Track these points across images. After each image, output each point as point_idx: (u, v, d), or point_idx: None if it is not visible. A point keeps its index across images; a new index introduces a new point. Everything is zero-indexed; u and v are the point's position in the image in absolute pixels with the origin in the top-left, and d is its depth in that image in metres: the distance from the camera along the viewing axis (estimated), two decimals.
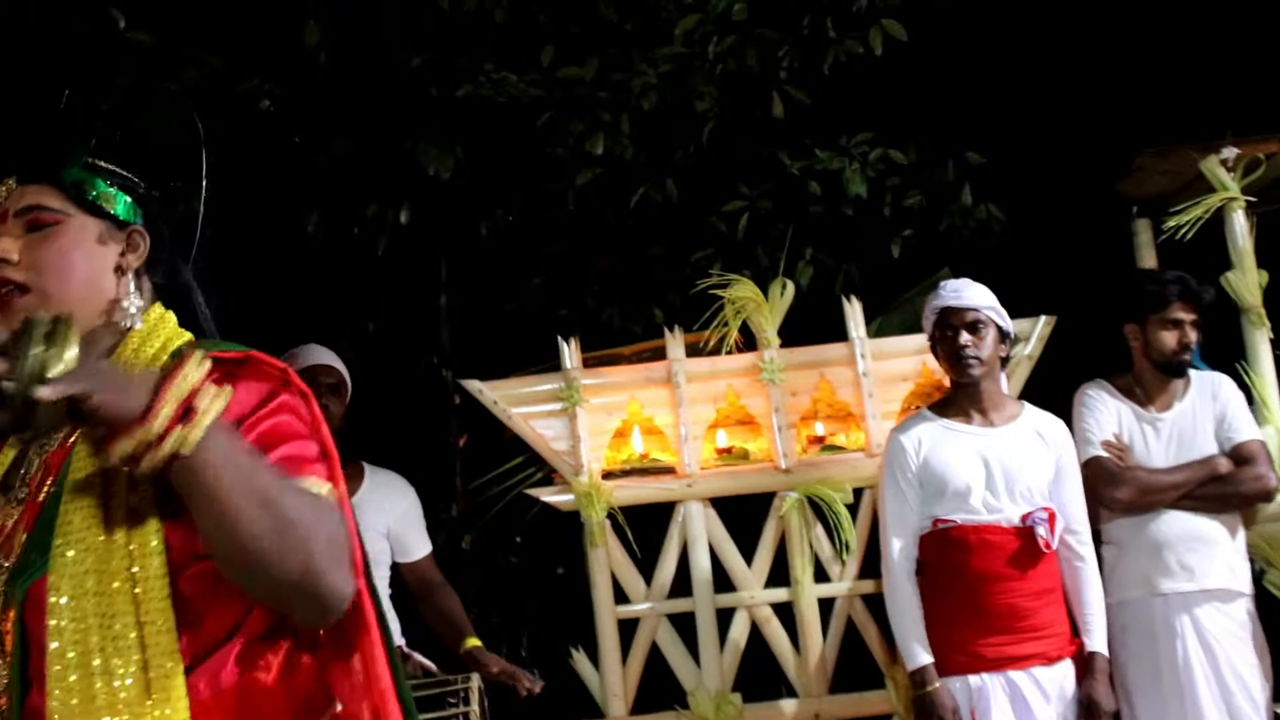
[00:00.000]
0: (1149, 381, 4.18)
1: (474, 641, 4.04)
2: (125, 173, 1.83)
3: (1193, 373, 4.20)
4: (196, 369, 1.42)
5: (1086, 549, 3.87)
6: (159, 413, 1.38)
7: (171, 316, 1.81)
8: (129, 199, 1.82)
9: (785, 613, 4.48)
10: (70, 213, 1.74)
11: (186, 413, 1.39)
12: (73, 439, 1.63)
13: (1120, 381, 4.22)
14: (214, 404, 1.42)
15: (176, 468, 1.40)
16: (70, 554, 1.53)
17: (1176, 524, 4.02)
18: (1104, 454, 4.06)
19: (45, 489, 1.62)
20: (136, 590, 1.51)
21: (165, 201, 1.89)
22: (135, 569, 1.52)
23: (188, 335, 1.79)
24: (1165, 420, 4.12)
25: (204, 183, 1.97)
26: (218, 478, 1.41)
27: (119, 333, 1.75)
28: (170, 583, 1.52)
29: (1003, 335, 3.89)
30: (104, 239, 1.77)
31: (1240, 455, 4.05)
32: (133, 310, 1.75)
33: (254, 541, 1.44)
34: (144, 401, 1.38)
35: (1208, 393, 4.15)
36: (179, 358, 1.44)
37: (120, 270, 1.77)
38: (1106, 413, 4.13)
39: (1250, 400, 4.39)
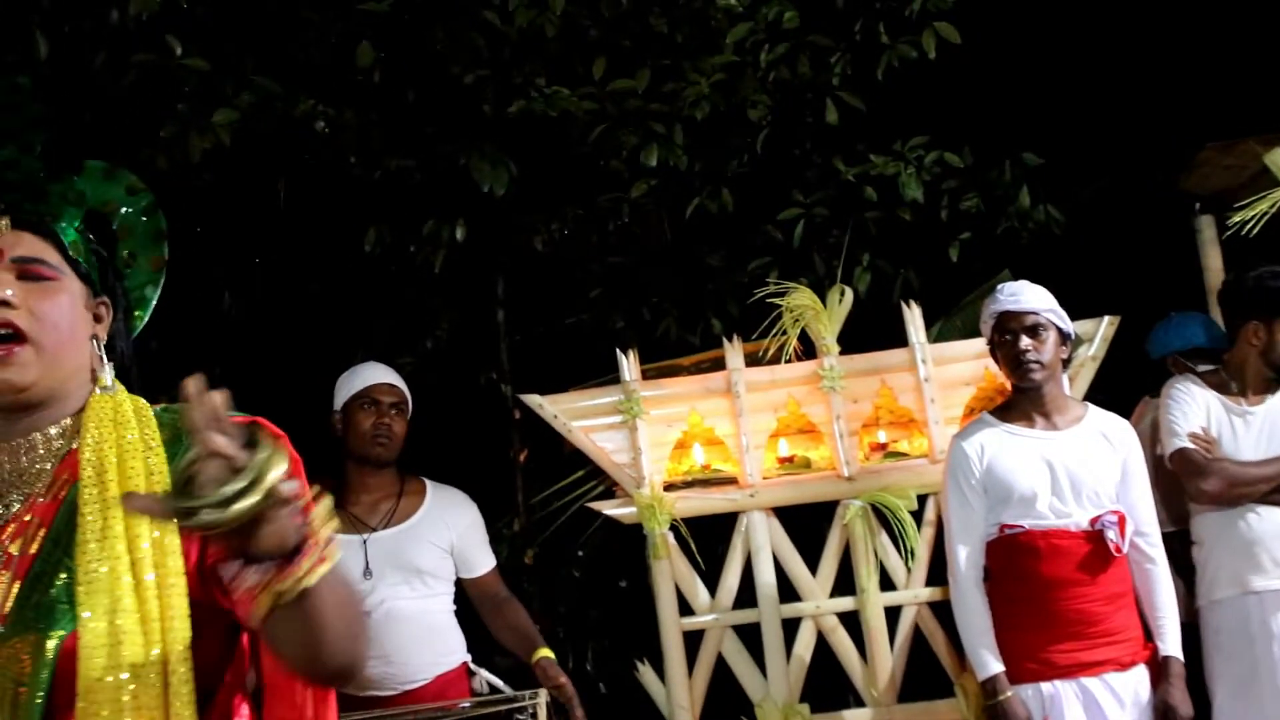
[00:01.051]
0: (1253, 378, 4.08)
1: (545, 652, 4.04)
2: (98, 244, 1.86)
3: None
4: (325, 505, 1.49)
5: (1157, 551, 3.80)
6: (311, 554, 1.44)
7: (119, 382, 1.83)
8: (100, 270, 1.84)
9: (851, 622, 4.45)
10: (65, 272, 1.76)
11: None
12: (63, 492, 1.66)
13: (1212, 377, 4.14)
14: (335, 540, 1.49)
15: (300, 600, 1.46)
16: (100, 620, 1.56)
17: (1268, 519, 3.92)
18: (1190, 445, 3.97)
19: (37, 541, 1.63)
20: (165, 657, 1.57)
21: (120, 277, 1.92)
22: (165, 636, 1.57)
23: (141, 399, 1.81)
24: (1256, 413, 4.03)
25: (163, 272, 1.98)
26: (323, 604, 1.47)
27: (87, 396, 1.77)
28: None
29: (1063, 337, 3.84)
30: (86, 305, 1.79)
31: None
32: (108, 381, 1.77)
33: (334, 649, 1.53)
34: (295, 540, 1.43)
35: None
36: (298, 487, 1.45)
37: (95, 338, 1.80)
38: (1194, 405, 4.04)
39: None
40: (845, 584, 4.46)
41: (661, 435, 4.52)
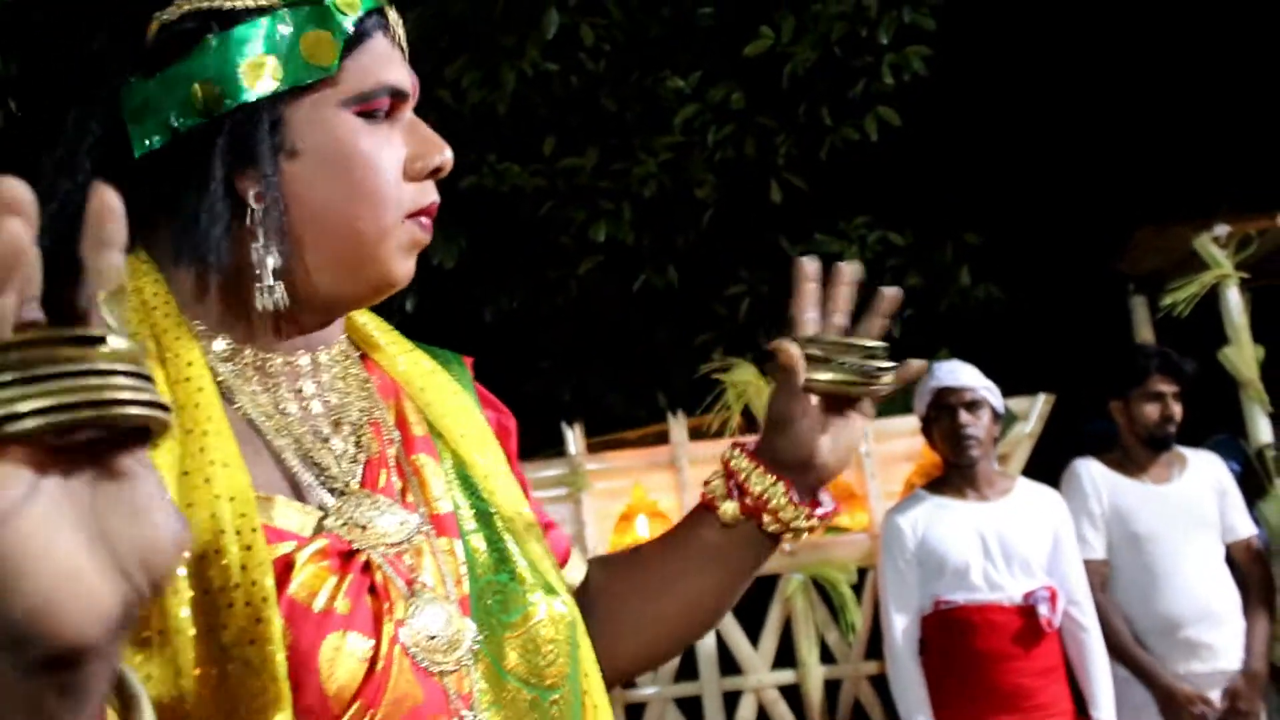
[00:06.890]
0: (1140, 457, 4.15)
1: None
2: None
3: (1184, 450, 4.18)
4: None
5: (1090, 620, 3.85)
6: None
7: None
8: None
9: (792, 695, 4.48)
10: None
11: None
12: (418, 424, 1.20)
13: (1110, 458, 4.19)
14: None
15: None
16: (555, 593, 1.14)
17: (1190, 598, 3.95)
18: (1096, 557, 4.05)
19: (446, 493, 1.14)
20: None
21: None
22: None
23: None
24: (1168, 493, 4.09)
25: None
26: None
27: None
28: None
29: (995, 415, 3.92)
30: None
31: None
32: None
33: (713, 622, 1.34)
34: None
35: (1203, 469, 4.14)
36: None
37: None
38: (1092, 493, 4.11)
39: (1249, 473, 4.41)
40: (786, 657, 4.50)
41: (606, 508, 4.56)
